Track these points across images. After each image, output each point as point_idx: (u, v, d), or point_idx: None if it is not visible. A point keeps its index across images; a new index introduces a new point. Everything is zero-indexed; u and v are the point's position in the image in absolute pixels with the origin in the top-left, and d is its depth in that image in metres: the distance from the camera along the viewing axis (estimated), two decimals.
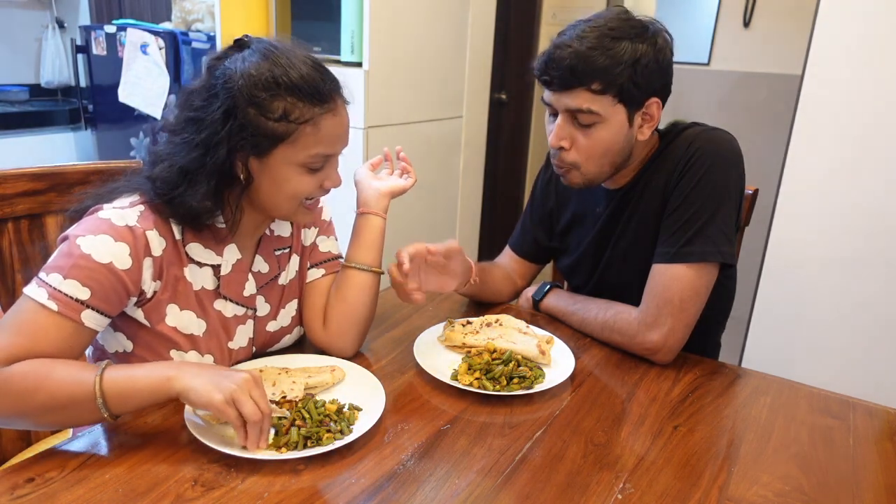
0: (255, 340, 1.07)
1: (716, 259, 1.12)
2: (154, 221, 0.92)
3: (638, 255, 1.20)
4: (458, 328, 1.18)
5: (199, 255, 0.97)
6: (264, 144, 0.91)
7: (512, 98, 3.25)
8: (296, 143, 0.91)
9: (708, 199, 1.12)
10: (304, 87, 0.90)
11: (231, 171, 0.92)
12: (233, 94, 0.89)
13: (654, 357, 1.15)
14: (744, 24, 2.62)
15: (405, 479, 0.82)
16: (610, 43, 1.07)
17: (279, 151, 0.92)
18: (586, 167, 1.15)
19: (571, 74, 1.08)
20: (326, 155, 0.95)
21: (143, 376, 0.82)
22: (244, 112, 0.89)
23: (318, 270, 1.14)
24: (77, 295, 0.85)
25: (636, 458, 0.89)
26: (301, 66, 0.92)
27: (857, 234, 1.60)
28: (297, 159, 0.93)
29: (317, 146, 0.93)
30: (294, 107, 0.90)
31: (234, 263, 1.01)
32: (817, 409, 1.05)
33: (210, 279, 0.99)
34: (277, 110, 0.89)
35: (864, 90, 1.54)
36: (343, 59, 2.20)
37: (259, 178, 0.94)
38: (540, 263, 1.48)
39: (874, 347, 1.63)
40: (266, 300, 1.07)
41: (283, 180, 0.94)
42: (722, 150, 1.14)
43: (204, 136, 0.90)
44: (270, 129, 0.90)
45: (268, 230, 1.07)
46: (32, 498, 0.75)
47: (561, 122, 1.13)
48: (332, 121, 0.94)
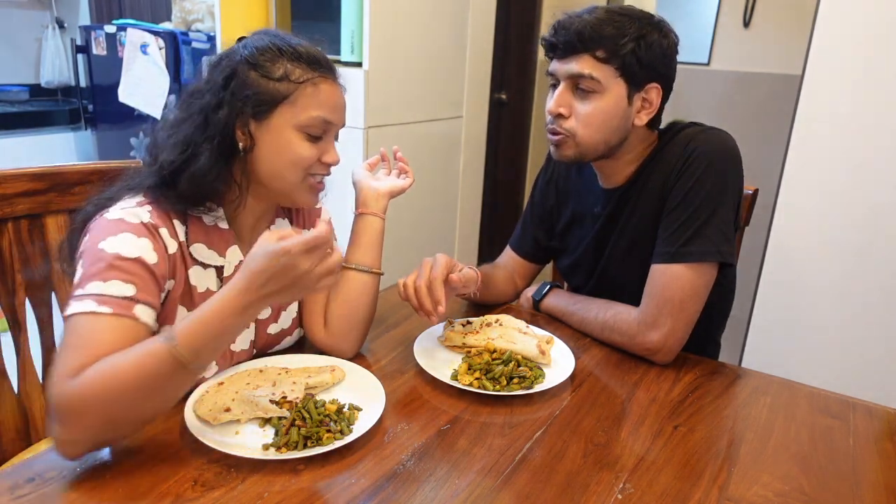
0: (255, 343, 1.07)
1: (715, 259, 1.12)
2: (163, 220, 0.92)
3: (637, 255, 1.20)
4: (458, 328, 1.18)
5: (202, 256, 0.97)
6: (265, 105, 0.93)
7: (512, 98, 3.25)
8: (295, 103, 0.93)
9: (706, 199, 1.12)
10: (304, 53, 0.95)
11: (232, 139, 0.94)
12: (234, 61, 0.93)
13: (653, 357, 1.15)
14: (744, 24, 2.62)
15: (405, 479, 0.82)
16: (618, 17, 1.12)
17: (279, 112, 0.93)
18: (581, 137, 1.16)
19: (578, 39, 1.11)
20: (326, 120, 0.96)
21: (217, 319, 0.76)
22: (245, 75, 0.93)
23: None
24: (124, 293, 0.82)
25: (636, 458, 0.89)
26: (300, 39, 0.97)
27: (857, 233, 1.60)
28: (298, 120, 0.94)
29: (317, 108, 0.95)
30: (295, 68, 0.94)
31: (237, 265, 1.00)
32: (817, 409, 1.05)
33: (214, 280, 0.98)
34: (278, 71, 0.93)
35: (864, 90, 1.54)
36: (343, 59, 2.20)
37: (260, 144, 0.95)
38: (540, 263, 1.48)
39: (874, 347, 1.63)
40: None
41: (283, 143, 0.95)
42: (720, 150, 1.15)
43: (205, 101, 0.93)
44: (271, 89, 0.93)
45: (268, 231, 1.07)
46: (32, 498, 0.75)
47: (562, 90, 1.16)
48: (330, 87, 0.97)
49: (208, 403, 0.90)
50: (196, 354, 0.76)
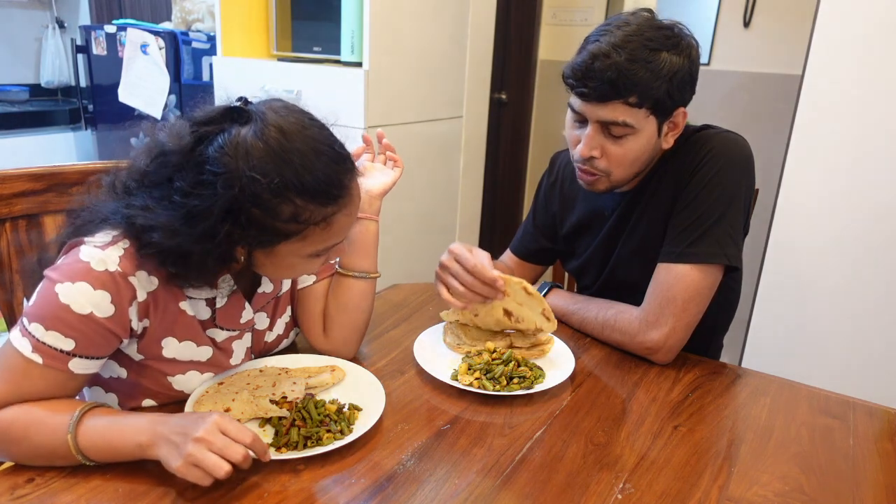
0: (252, 349, 1.05)
1: (720, 261, 1.12)
2: (141, 261, 0.85)
3: (646, 256, 1.19)
4: (459, 327, 1.18)
5: (192, 291, 0.92)
6: (269, 241, 0.84)
7: (512, 98, 3.25)
8: (304, 239, 0.85)
9: (716, 202, 1.12)
10: (318, 189, 0.82)
11: (231, 254, 0.86)
12: (234, 193, 0.79)
13: (653, 356, 1.15)
14: (744, 24, 2.62)
15: (405, 479, 0.82)
16: (649, 55, 1.05)
17: (285, 246, 0.85)
18: (616, 175, 1.15)
19: (611, 88, 1.05)
20: (335, 245, 0.90)
21: (117, 441, 0.78)
22: (248, 212, 0.80)
23: (309, 277, 1.10)
24: (61, 346, 0.80)
25: (636, 458, 0.89)
26: (315, 161, 0.82)
27: (857, 233, 1.60)
28: (305, 252, 0.87)
29: (326, 242, 0.87)
30: (305, 209, 0.82)
31: (230, 294, 0.95)
32: (817, 409, 1.05)
33: (204, 310, 0.94)
34: (286, 213, 0.81)
35: (864, 90, 1.54)
36: (343, 59, 2.19)
37: (260, 262, 0.89)
38: (542, 265, 1.48)
39: (874, 347, 1.63)
40: (268, 315, 1.05)
41: (287, 266, 0.89)
42: (733, 154, 1.14)
43: (202, 228, 0.80)
44: (277, 229, 0.83)
45: None
46: (32, 498, 0.75)
47: (591, 133, 1.12)
48: (345, 216, 0.87)
49: (208, 403, 0.90)
50: (87, 453, 0.78)
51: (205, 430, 0.74)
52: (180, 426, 0.76)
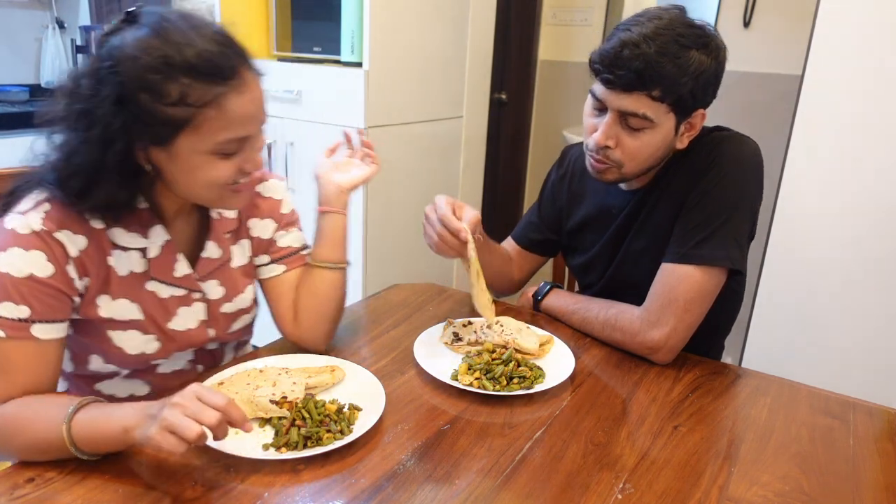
0: (209, 322, 1.04)
1: (724, 264, 1.12)
2: (63, 220, 0.86)
3: (651, 255, 1.19)
4: (459, 328, 1.19)
5: (123, 240, 0.92)
6: (164, 133, 0.82)
7: (512, 98, 3.25)
8: (199, 129, 0.82)
9: (724, 204, 1.12)
10: (202, 64, 0.80)
11: (136, 164, 0.86)
12: (121, 78, 0.79)
13: (653, 356, 1.15)
14: (744, 24, 2.62)
15: (405, 479, 0.82)
16: (679, 51, 1.05)
17: (183, 139, 0.83)
18: (627, 167, 1.15)
19: (637, 78, 1.05)
20: (239, 139, 0.86)
21: (104, 428, 0.79)
22: (136, 98, 0.80)
23: (278, 266, 1.12)
24: (17, 315, 0.82)
25: (636, 458, 0.89)
26: (197, 40, 0.81)
27: (856, 233, 1.60)
28: (205, 147, 0.84)
29: (224, 131, 0.83)
30: (191, 88, 0.80)
31: (163, 245, 0.96)
32: (817, 409, 1.05)
33: (139, 262, 0.95)
34: (173, 93, 0.79)
35: (864, 90, 1.54)
36: (343, 59, 2.20)
37: (167, 169, 0.87)
38: (543, 256, 1.48)
39: (874, 347, 1.63)
40: (220, 283, 1.05)
41: (193, 169, 0.86)
42: (743, 158, 1.14)
43: (98, 131, 0.81)
44: (168, 116, 0.80)
45: (215, 213, 1.04)
46: (32, 498, 0.75)
47: (610, 122, 1.11)
48: (238, 100, 0.83)
49: None
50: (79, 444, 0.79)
51: (180, 395, 0.75)
52: (162, 401, 0.77)
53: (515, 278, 1.46)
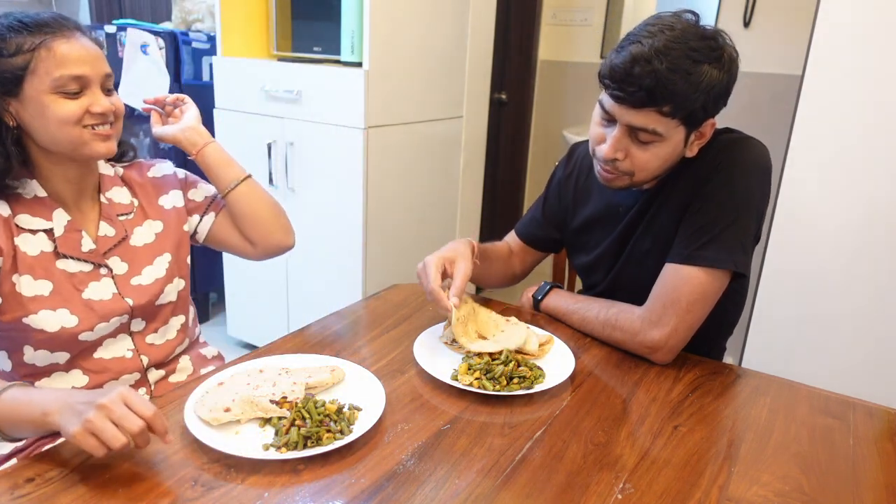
0: (122, 294, 1.10)
1: (728, 267, 1.12)
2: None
3: (656, 256, 1.19)
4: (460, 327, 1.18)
5: (29, 224, 1.03)
6: (10, 82, 0.97)
7: (512, 98, 3.25)
8: (37, 70, 0.97)
9: (730, 207, 1.12)
10: (30, 22, 0.98)
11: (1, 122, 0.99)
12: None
13: (653, 356, 1.15)
14: (744, 24, 2.62)
15: (405, 479, 0.82)
16: (691, 66, 1.02)
17: (28, 84, 0.97)
18: (637, 177, 1.15)
19: (648, 96, 1.03)
20: (73, 76, 0.99)
21: (25, 410, 0.83)
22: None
23: (209, 217, 1.25)
24: None
25: (636, 458, 0.89)
26: (29, 12, 1.00)
27: (857, 233, 1.60)
28: (45, 85, 0.97)
29: (58, 68, 0.97)
30: (24, 39, 0.97)
31: (66, 224, 1.06)
32: (817, 409, 1.05)
33: (47, 243, 1.05)
34: (11, 47, 0.96)
35: (864, 90, 1.54)
36: (343, 59, 2.19)
37: (24, 119, 0.99)
38: (543, 252, 1.48)
39: (874, 347, 1.63)
40: (122, 259, 1.12)
41: (43, 110, 0.98)
42: (752, 161, 1.14)
43: None
44: (10, 65, 0.97)
45: (104, 198, 1.13)
46: (32, 498, 0.75)
47: (618, 135, 1.10)
48: (66, 44, 0.99)
49: (208, 404, 0.90)
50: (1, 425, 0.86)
51: (108, 399, 0.77)
52: (88, 397, 0.79)
53: (517, 271, 1.47)
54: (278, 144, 2.34)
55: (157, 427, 0.79)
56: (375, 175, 2.23)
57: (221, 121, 2.45)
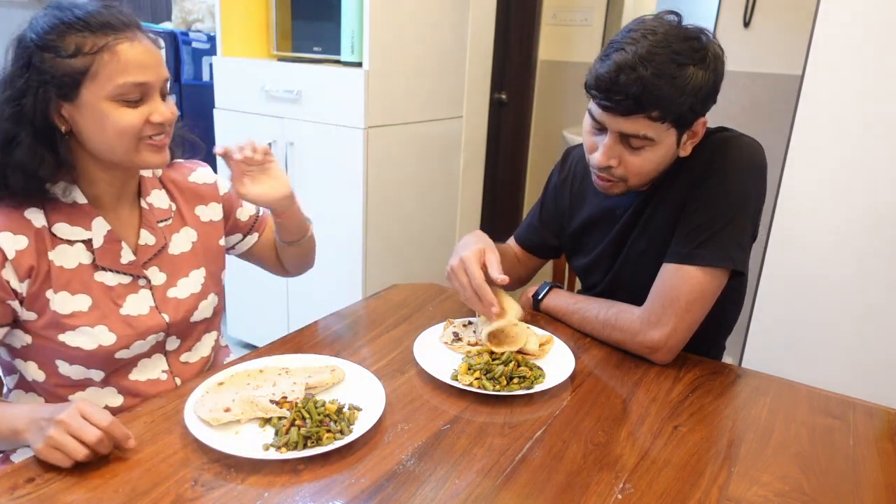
0: (160, 307, 1.07)
1: (726, 265, 1.12)
2: (3, 223, 0.93)
3: (654, 256, 1.19)
4: (459, 328, 1.19)
5: (66, 234, 0.98)
6: (68, 85, 0.91)
7: (512, 98, 3.24)
8: (98, 75, 0.91)
9: (726, 206, 1.12)
10: (91, 20, 0.91)
11: (50, 124, 0.93)
12: (25, 46, 0.92)
13: (653, 356, 1.15)
14: (744, 24, 2.62)
15: (405, 479, 0.82)
16: (676, 70, 1.03)
17: (86, 89, 0.91)
18: (632, 182, 1.15)
19: (635, 103, 1.03)
20: (136, 84, 0.93)
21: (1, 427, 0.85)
22: (39, 58, 0.90)
23: (252, 236, 1.27)
24: None
25: (636, 458, 0.89)
26: (87, 5, 0.93)
27: (856, 234, 1.60)
28: (106, 92, 0.91)
29: (121, 75, 0.91)
30: (85, 39, 0.90)
31: (105, 235, 1.01)
32: (817, 409, 1.05)
33: (85, 254, 1.00)
34: (70, 47, 0.90)
35: (864, 90, 1.54)
36: (343, 59, 2.19)
37: (79, 124, 0.94)
38: (544, 259, 1.48)
39: (874, 347, 1.63)
40: (160, 269, 1.09)
41: (101, 118, 0.93)
42: (747, 159, 1.14)
43: (9, 93, 0.91)
44: (68, 67, 0.90)
45: (144, 203, 1.09)
46: (32, 498, 0.75)
47: (610, 143, 1.11)
48: (130, 47, 0.92)
49: (208, 404, 0.90)
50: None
51: (66, 414, 0.79)
52: (49, 412, 0.81)
53: (522, 275, 1.48)
54: (278, 144, 2.34)
55: (116, 435, 0.80)
56: (375, 175, 2.23)
57: (221, 121, 2.45)
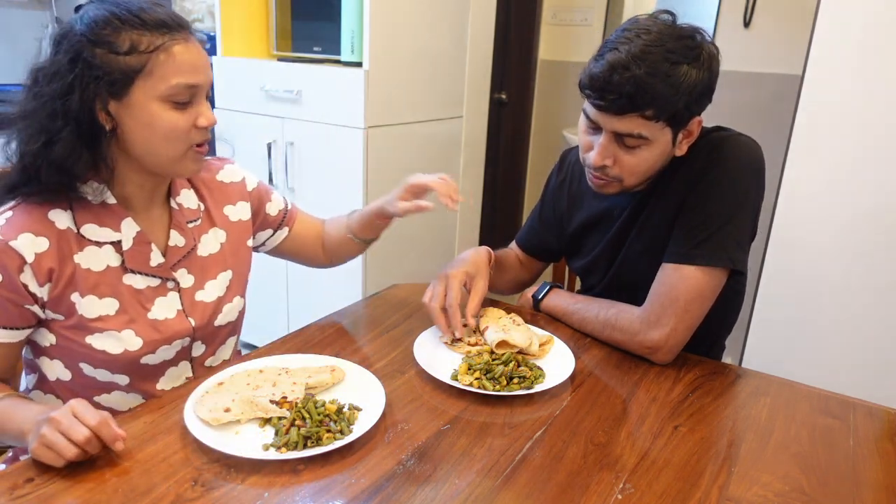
0: (187, 311, 1.05)
1: (725, 265, 1.12)
2: (25, 224, 0.91)
3: (654, 256, 1.19)
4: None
5: (95, 235, 0.96)
6: (119, 82, 0.88)
7: (512, 98, 3.24)
8: (152, 74, 0.89)
9: (724, 205, 1.12)
10: (147, 18, 0.89)
11: (94, 121, 0.90)
12: (76, 40, 0.87)
13: (653, 356, 1.14)
14: (744, 24, 2.62)
15: (405, 479, 0.82)
16: (669, 69, 1.03)
17: (137, 88, 0.89)
18: (628, 181, 1.15)
19: (629, 102, 1.03)
20: (188, 85, 0.92)
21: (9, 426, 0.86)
22: (91, 53, 0.87)
23: (282, 231, 1.25)
24: None
25: (636, 458, 0.89)
26: (141, 4, 0.91)
27: (857, 233, 1.60)
28: (158, 91, 0.90)
29: (175, 75, 0.90)
30: (141, 37, 0.88)
31: (135, 236, 0.99)
32: (817, 409, 1.05)
33: (114, 256, 0.98)
34: (125, 44, 0.87)
35: (864, 90, 1.54)
36: (343, 59, 2.19)
37: (126, 123, 0.91)
38: (547, 262, 1.49)
39: (874, 347, 1.63)
40: (189, 272, 1.07)
41: (151, 119, 0.91)
42: (745, 158, 1.14)
43: (55, 86, 0.87)
44: (122, 64, 0.88)
45: (174, 203, 1.06)
46: (32, 498, 0.75)
47: (605, 143, 1.11)
48: (185, 48, 0.91)
49: (208, 404, 0.90)
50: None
51: (58, 412, 0.78)
52: (46, 413, 0.80)
53: (526, 279, 1.49)
54: (278, 144, 2.34)
55: (104, 434, 0.78)
56: (375, 175, 2.23)
57: (222, 121, 2.45)
